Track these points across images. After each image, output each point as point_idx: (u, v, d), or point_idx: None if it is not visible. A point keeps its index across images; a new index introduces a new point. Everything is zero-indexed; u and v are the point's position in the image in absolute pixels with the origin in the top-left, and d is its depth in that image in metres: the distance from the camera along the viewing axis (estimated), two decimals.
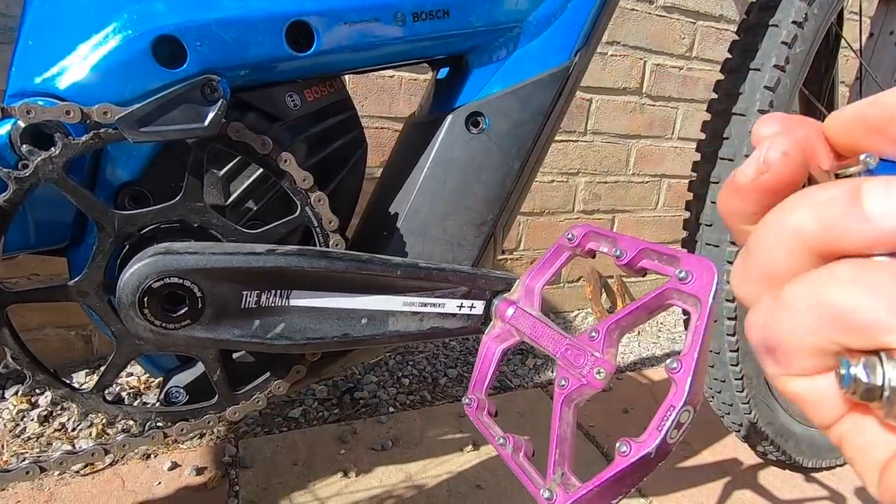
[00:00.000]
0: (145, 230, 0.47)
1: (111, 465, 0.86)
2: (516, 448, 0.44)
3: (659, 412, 0.35)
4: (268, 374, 0.55)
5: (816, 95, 0.96)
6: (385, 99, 1.22)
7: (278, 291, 0.46)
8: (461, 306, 0.53)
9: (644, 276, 0.43)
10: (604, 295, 1.62)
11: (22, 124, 0.42)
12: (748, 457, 1.00)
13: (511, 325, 0.50)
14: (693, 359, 0.34)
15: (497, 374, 0.51)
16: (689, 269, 0.37)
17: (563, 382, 0.41)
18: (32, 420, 0.95)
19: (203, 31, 0.44)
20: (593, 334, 0.41)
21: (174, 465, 0.86)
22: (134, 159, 0.48)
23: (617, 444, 0.35)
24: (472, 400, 0.50)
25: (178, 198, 0.46)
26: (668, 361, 0.35)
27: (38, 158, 0.41)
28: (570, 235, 0.49)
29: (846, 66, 1.71)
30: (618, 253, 0.43)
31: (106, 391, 0.50)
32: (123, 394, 1.06)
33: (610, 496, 0.35)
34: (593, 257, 0.49)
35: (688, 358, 0.34)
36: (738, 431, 0.91)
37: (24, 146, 0.41)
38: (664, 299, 0.38)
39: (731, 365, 0.84)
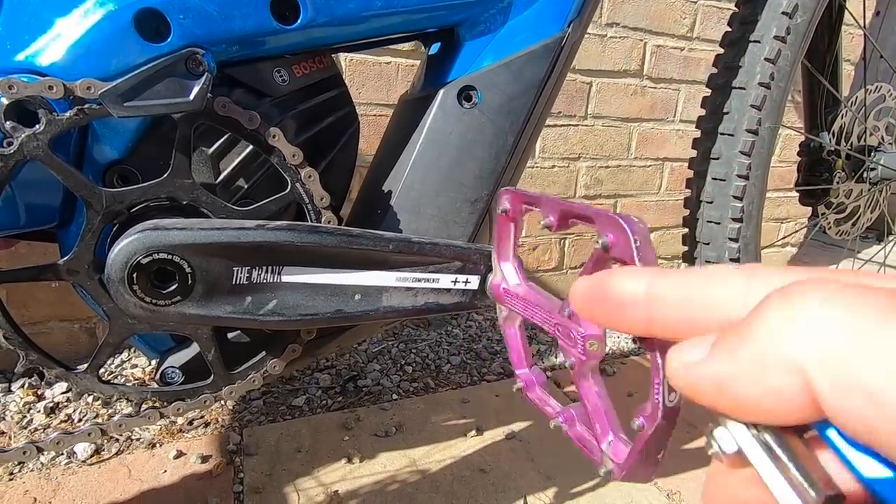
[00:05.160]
0: (135, 209, 0.47)
1: (117, 454, 0.87)
2: (569, 421, 0.42)
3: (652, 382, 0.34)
4: (263, 353, 0.54)
5: (819, 69, 0.94)
6: (383, 86, 1.21)
7: (269, 267, 0.46)
8: (455, 281, 0.52)
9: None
10: None
11: (5, 101, 0.41)
12: None
13: (507, 307, 0.49)
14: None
15: (528, 345, 0.50)
16: (606, 234, 0.34)
17: (569, 362, 0.41)
18: (39, 412, 0.96)
19: (186, 3, 0.44)
20: (566, 311, 0.40)
21: (179, 454, 0.87)
22: (121, 137, 0.47)
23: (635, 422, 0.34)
24: (521, 380, 0.47)
25: (165, 175, 0.46)
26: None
27: (23, 135, 0.41)
28: (501, 209, 0.45)
29: (851, 43, 1.68)
30: (546, 222, 0.40)
31: (100, 371, 0.50)
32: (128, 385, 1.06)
33: (652, 458, 0.35)
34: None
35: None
36: None
37: (7, 123, 0.41)
38: (603, 267, 0.37)
39: None
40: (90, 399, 0.98)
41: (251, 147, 0.51)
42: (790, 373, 0.13)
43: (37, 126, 0.41)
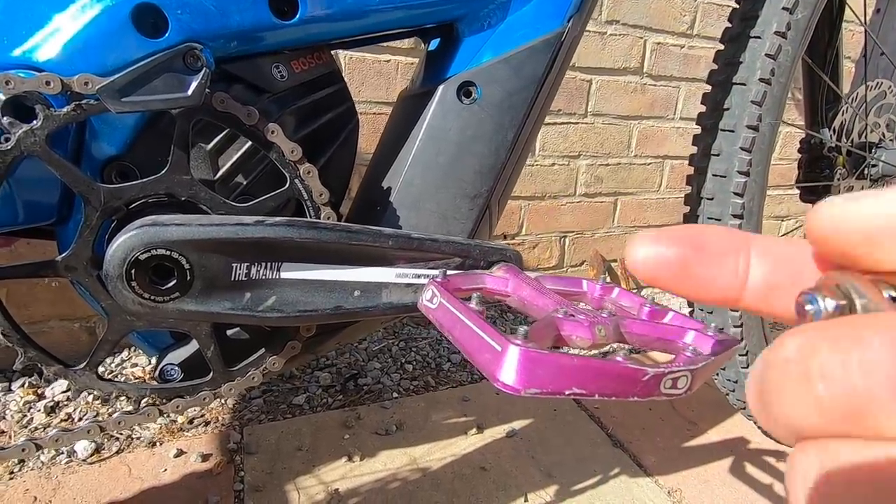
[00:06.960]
0: (133, 205, 0.47)
1: (117, 453, 0.87)
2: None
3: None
4: (262, 350, 0.54)
5: (820, 65, 0.94)
6: (382, 84, 1.21)
7: (268, 263, 0.46)
8: None
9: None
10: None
11: (2, 97, 0.41)
12: (755, 435, 0.99)
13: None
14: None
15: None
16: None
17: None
18: (39, 411, 0.96)
19: None
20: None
21: (180, 452, 0.86)
22: (119, 133, 0.47)
23: (619, 352, 0.33)
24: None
25: (164, 171, 0.46)
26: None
27: (20, 131, 0.41)
28: None
29: (852, 40, 1.68)
30: None
31: (99, 368, 0.49)
32: None
33: (571, 381, 0.29)
34: None
35: None
36: (744, 409, 0.90)
37: (4, 119, 0.41)
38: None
39: None
40: (90, 398, 0.98)
41: (250, 143, 0.51)
42: None
43: (34, 122, 0.41)
